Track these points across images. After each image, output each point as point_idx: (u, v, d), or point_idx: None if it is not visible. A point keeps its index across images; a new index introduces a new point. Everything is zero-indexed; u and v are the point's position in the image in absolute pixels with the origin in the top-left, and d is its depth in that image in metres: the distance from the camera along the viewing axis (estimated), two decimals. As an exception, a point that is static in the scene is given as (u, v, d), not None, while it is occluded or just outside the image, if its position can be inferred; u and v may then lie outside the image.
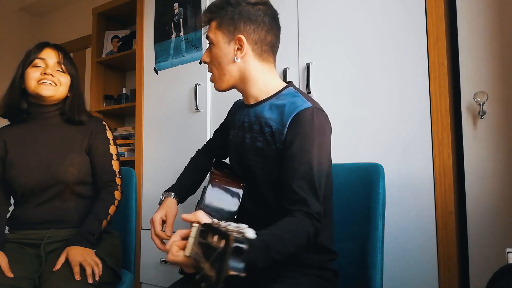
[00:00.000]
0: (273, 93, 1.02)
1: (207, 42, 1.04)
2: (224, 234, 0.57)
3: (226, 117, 1.27)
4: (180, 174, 1.28)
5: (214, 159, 1.29)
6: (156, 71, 2.10)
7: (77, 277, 1.07)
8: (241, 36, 0.98)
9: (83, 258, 1.12)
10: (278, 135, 0.94)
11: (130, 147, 2.47)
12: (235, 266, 0.55)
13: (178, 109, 1.98)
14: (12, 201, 1.35)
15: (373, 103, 1.43)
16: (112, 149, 1.36)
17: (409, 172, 1.34)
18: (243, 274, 0.55)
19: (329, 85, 1.53)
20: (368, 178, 1.15)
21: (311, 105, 0.94)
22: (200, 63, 1.89)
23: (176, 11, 2.03)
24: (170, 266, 1.90)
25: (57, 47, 1.32)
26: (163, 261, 1.92)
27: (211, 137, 1.35)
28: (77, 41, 3.25)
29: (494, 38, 1.29)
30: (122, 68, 2.83)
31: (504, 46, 1.27)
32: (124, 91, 2.71)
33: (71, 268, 1.09)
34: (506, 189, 1.24)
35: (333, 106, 1.50)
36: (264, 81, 1.02)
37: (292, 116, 0.93)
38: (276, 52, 1.07)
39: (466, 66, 1.33)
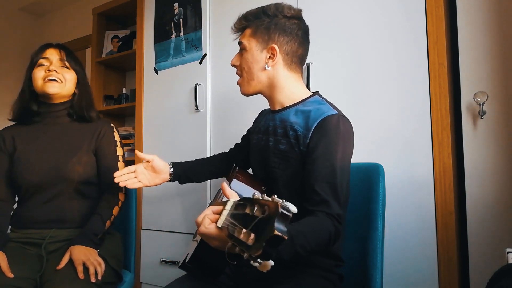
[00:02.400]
0: (299, 100, 1.07)
1: (239, 47, 1.10)
2: (271, 202, 0.59)
3: (252, 125, 1.31)
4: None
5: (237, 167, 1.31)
6: (156, 71, 2.10)
7: (81, 275, 1.08)
8: (275, 45, 1.03)
9: (87, 257, 1.12)
10: (303, 139, 0.97)
11: (130, 147, 2.47)
12: (280, 228, 0.56)
13: (178, 109, 1.98)
14: (16, 199, 1.36)
15: (373, 103, 1.43)
16: (119, 151, 1.38)
17: (409, 172, 1.34)
18: (285, 237, 0.56)
19: (329, 85, 1.53)
20: (368, 178, 1.15)
21: (337, 113, 0.98)
22: (201, 62, 1.89)
23: (176, 11, 2.03)
24: (170, 266, 1.90)
25: (59, 46, 1.35)
26: (163, 261, 1.92)
27: (236, 144, 1.38)
28: (77, 41, 3.25)
29: (494, 38, 1.29)
30: (122, 68, 2.82)
31: (504, 46, 1.27)
32: (124, 91, 2.71)
33: (74, 267, 1.10)
34: (506, 189, 1.24)
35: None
36: (291, 89, 1.07)
37: (318, 121, 0.96)
38: (304, 64, 1.13)
39: (466, 66, 1.33)
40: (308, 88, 1.55)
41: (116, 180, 1.15)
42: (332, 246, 0.88)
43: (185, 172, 1.29)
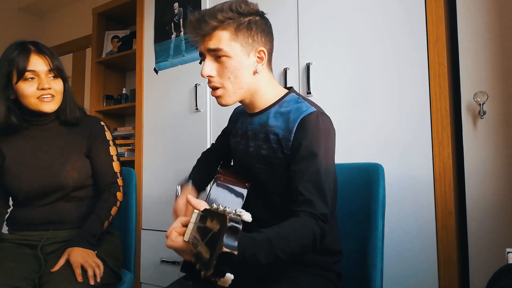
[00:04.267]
0: (275, 100, 1.02)
1: (209, 55, 0.95)
2: (221, 215, 0.59)
3: (227, 124, 1.26)
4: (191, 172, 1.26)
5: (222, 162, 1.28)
6: (156, 71, 2.10)
7: (80, 278, 1.06)
8: (263, 48, 0.96)
9: (85, 259, 1.11)
10: (285, 142, 0.94)
11: (130, 147, 2.47)
12: (229, 244, 0.56)
13: (178, 109, 1.98)
14: (11, 202, 1.34)
15: (373, 103, 1.43)
16: (112, 150, 1.34)
17: (409, 172, 1.34)
18: (235, 252, 0.56)
19: (329, 85, 1.53)
20: (368, 178, 1.15)
21: (316, 110, 0.95)
22: (201, 62, 1.89)
23: (176, 11, 2.03)
24: (170, 266, 1.90)
25: (41, 50, 1.22)
26: (163, 261, 1.92)
27: (214, 143, 1.33)
28: (77, 41, 3.25)
29: (494, 38, 1.29)
30: (122, 68, 2.82)
31: (504, 46, 1.27)
32: (124, 91, 2.71)
33: (72, 269, 1.09)
34: (506, 189, 1.24)
35: (333, 106, 1.50)
36: (269, 90, 1.02)
37: (298, 122, 0.93)
38: None
39: (466, 66, 1.33)
40: (308, 88, 1.55)
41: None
42: (318, 247, 0.86)
43: (202, 187, 1.21)
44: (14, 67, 1.17)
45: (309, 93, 1.55)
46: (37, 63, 1.20)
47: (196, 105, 1.88)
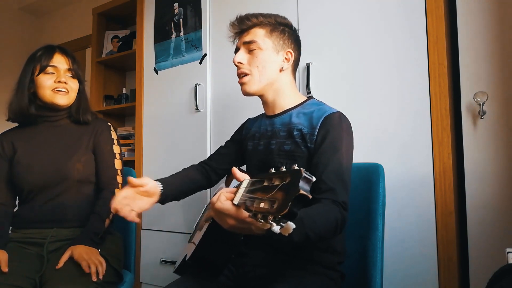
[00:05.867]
0: (297, 104, 1.10)
1: (246, 46, 1.08)
2: (289, 171, 0.60)
3: (236, 134, 1.29)
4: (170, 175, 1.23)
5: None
6: (156, 71, 2.10)
7: (87, 270, 1.09)
8: (291, 50, 1.09)
9: (88, 256, 1.13)
10: (309, 136, 1.00)
11: (130, 147, 2.47)
12: (304, 188, 0.57)
13: (178, 109, 1.98)
14: (17, 201, 1.37)
15: (373, 103, 1.43)
16: (116, 149, 1.40)
17: (409, 172, 1.34)
18: (310, 196, 0.57)
19: (329, 85, 1.53)
20: (368, 178, 1.15)
21: (338, 110, 1.04)
22: (201, 62, 1.89)
23: (176, 11, 2.03)
24: (170, 266, 1.90)
25: (65, 52, 1.35)
26: (163, 261, 1.92)
27: (213, 154, 1.30)
28: (77, 41, 3.25)
29: (494, 38, 1.29)
30: (122, 68, 2.82)
31: (504, 46, 1.27)
32: (124, 91, 2.71)
33: (74, 267, 1.11)
34: (506, 189, 1.24)
35: (333, 106, 1.50)
36: (292, 94, 1.11)
37: (322, 119, 1.00)
38: None
39: (466, 66, 1.33)
40: (308, 88, 1.55)
41: (112, 209, 1.01)
42: (339, 233, 0.89)
43: (172, 193, 1.18)
44: (38, 62, 1.30)
45: (309, 93, 1.55)
46: (59, 61, 1.32)
47: (196, 105, 1.88)
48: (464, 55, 1.33)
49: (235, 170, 0.79)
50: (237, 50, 1.12)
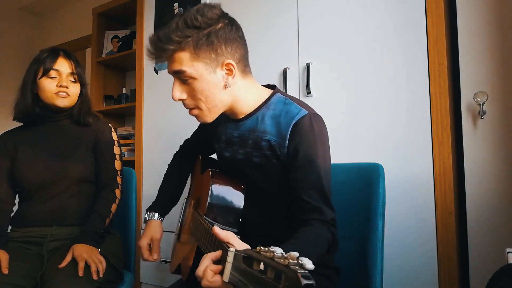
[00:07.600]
0: (260, 103, 0.97)
1: (175, 77, 0.93)
2: (285, 269, 0.48)
3: (202, 127, 1.22)
4: (161, 185, 1.28)
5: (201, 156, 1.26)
6: (156, 71, 2.10)
7: (81, 273, 1.09)
8: (230, 60, 0.89)
9: (88, 255, 1.14)
10: (279, 148, 0.92)
11: (130, 147, 2.47)
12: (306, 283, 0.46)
13: (178, 109, 1.97)
14: (16, 200, 1.38)
15: (373, 103, 1.43)
16: (116, 150, 1.41)
17: (409, 172, 1.34)
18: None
19: (329, 85, 1.53)
20: (368, 178, 1.15)
21: (307, 112, 0.91)
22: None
23: (176, 11, 2.03)
24: (170, 266, 1.90)
25: (68, 56, 1.36)
26: (163, 261, 1.92)
27: (189, 138, 1.32)
28: (77, 41, 3.26)
29: (494, 38, 1.29)
30: (122, 68, 2.83)
31: (504, 46, 1.27)
32: (124, 91, 2.71)
33: (74, 266, 1.11)
34: (506, 189, 1.24)
35: (333, 106, 1.50)
36: (251, 95, 0.97)
37: (291, 127, 0.90)
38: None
39: (466, 66, 1.33)
40: (308, 88, 1.55)
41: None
42: (334, 251, 0.87)
43: (167, 210, 1.25)
44: (42, 65, 1.31)
45: (309, 93, 1.55)
46: (62, 65, 1.34)
47: (196, 105, 1.88)
48: (464, 55, 1.33)
49: (217, 230, 0.70)
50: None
